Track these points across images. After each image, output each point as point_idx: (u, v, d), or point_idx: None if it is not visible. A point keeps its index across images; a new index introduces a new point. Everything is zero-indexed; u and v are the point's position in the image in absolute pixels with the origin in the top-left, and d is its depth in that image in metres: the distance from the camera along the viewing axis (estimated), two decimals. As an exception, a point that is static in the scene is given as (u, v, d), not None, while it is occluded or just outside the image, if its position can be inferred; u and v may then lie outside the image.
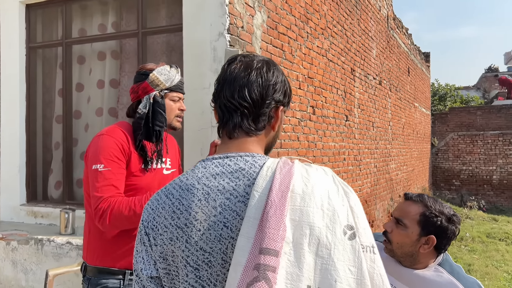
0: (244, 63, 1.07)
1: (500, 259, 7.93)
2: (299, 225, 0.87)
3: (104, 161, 1.84)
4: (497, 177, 14.86)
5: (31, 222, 4.09)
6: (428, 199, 1.73)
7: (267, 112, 1.05)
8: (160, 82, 1.98)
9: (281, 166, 0.95)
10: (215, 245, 0.92)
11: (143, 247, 1.01)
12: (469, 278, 1.68)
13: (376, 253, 0.92)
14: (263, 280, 0.79)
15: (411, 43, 11.36)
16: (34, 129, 4.38)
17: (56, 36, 4.34)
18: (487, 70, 23.48)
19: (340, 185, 0.96)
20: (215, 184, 0.96)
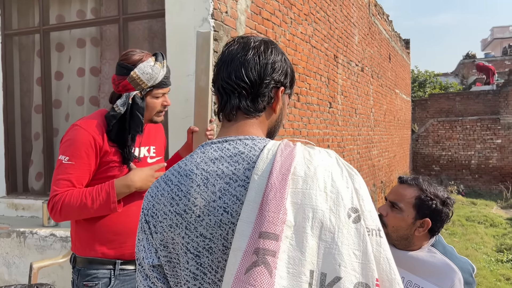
0: (241, 43, 1.04)
1: (479, 241, 8.13)
2: (301, 208, 0.84)
3: (70, 154, 1.78)
4: (475, 161, 15.17)
5: (12, 215, 3.99)
6: (423, 182, 1.73)
7: (266, 93, 1.02)
8: (141, 82, 1.85)
9: (282, 148, 0.92)
10: (215, 231, 0.89)
11: (144, 236, 0.99)
12: (461, 258, 1.71)
13: (382, 236, 0.90)
14: (263, 264, 0.77)
15: (392, 30, 11.42)
16: (12, 119, 4.25)
17: (33, 23, 4.21)
18: (465, 56, 23.82)
19: (345, 167, 0.93)
20: (214, 169, 0.94)
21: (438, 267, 1.65)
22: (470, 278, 1.66)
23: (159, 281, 0.97)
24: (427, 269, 1.66)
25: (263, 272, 0.77)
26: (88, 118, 1.92)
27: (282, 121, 1.11)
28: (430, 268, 1.66)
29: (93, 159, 1.82)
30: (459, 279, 1.62)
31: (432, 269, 1.66)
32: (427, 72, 20.35)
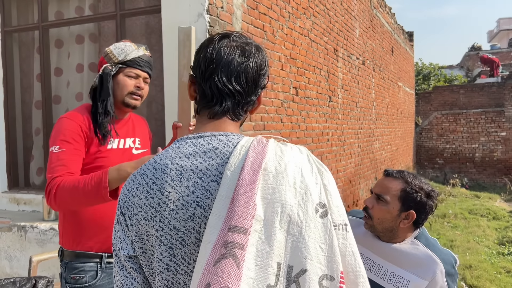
0: (240, 47, 1.03)
1: (481, 234, 8.12)
2: (270, 203, 0.87)
3: (59, 143, 1.82)
4: (479, 154, 15.11)
5: (13, 209, 4.05)
6: (408, 175, 1.76)
7: (254, 100, 1.06)
8: (113, 55, 1.93)
9: (255, 145, 0.95)
10: (188, 224, 0.92)
11: (120, 227, 1.02)
12: (444, 250, 1.74)
13: (348, 231, 0.93)
14: (230, 257, 0.80)
15: (395, 22, 11.36)
16: (13, 115, 4.31)
17: (32, 20, 4.24)
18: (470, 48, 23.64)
19: (315, 163, 0.96)
20: (188, 164, 0.96)
21: (421, 259, 1.68)
22: (452, 269, 1.69)
23: (134, 271, 1.00)
24: (410, 260, 1.70)
25: (230, 264, 0.80)
26: (72, 111, 1.98)
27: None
28: (413, 260, 1.69)
29: (82, 145, 1.87)
30: (441, 270, 1.65)
31: (414, 260, 1.69)
32: (431, 65, 20.24)
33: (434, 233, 7.94)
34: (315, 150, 5.42)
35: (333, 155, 6.17)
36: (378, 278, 1.75)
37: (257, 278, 0.83)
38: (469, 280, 5.70)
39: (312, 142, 5.36)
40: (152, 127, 3.82)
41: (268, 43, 4.22)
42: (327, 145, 5.93)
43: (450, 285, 1.66)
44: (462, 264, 6.27)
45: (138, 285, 1.00)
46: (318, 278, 0.86)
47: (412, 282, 1.67)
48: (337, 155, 6.36)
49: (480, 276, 5.79)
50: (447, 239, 7.68)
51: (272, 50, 4.31)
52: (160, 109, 3.75)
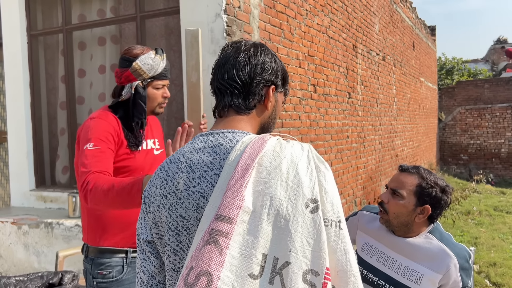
0: (234, 47, 1.13)
1: (507, 231, 7.95)
2: (260, 195, 0.91)
3: (94, 140, 1.84)
4: (505, 150, 14.75)
5: (40, 207, 4.20)
6: (424, 170, 1.78)
7: (257, 91, 1.11)
8: (143, 72, 1.94)
9: (255, 141, 0.99)
10: (192, 213, 0.99)
11: (142, 214, 1.11)
12: (458, 244, 1.75)
13: (342, 228, 0.94)
14: (213, 243, 0.85)
15: (416, 17, 11.20)
16: (39, 116, 4.46)
17: (56, 23, 4.38)
18: (496, 42, 23.08)
19: (313, 160, 0.99)
20: (196, 158, 1.04)
21: (434, 253, 1.70)
22: (466, 264, 1.70)
23: (152, 255, 1.08)
24: (423, 254, 1.72)
25: (212, 250, 0.85)
26: (101, 111, 2.00)
27: (276, 118, 1.19)
28: (426, 254, 1.71)
29: (114, 145, 1.91)
30: (455, 264, 1.66)
31: (428, 254, 1.71)
32: (455, 59, 19.83)
33: (458, 230, 7.82)
34: (334, 147, 5.43)
35: (353, 152, 6.15)
36: (392, 272, 1.77)
37: (240, 266, 0.86)
38: (493, 277, 5.61)
39: (331, 139, 5.37)
40: (173, 126, 3.90)
41: (285, 41, 4.24)
42: (347, 142, 5.92)
43: (464, 279, 1.67)
44: (486, 261, 6.17)
45: (155, 269, 1.08)
46: (302, 272, 0.87)
47: (426, 275, 1.69)
48: (357, 152, 6.34)
49: (504, 273, 5.68)
50: (471, 236, 7.55)
51: (290, 48, 4.34)
52: (180, 108, 3.83)
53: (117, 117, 1.97)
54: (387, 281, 1.78)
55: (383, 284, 1.79)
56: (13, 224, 3.78)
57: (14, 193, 4.37)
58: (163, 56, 2.03)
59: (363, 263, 1.88)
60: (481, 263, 6.17)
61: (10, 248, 3.81)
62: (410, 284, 1.72)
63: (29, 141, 4.35)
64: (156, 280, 1.09)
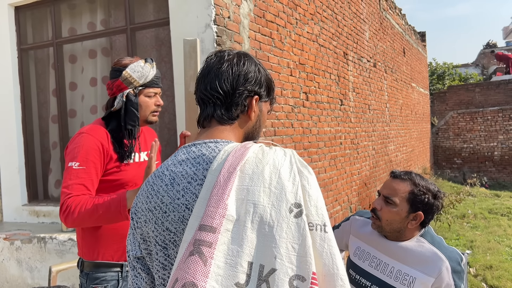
0: (218, 57, 1.13)
1: (502, 234, 7.98)
2: (244, 203, 0.91)
3: (80, 159, 1.85)
4: (498, 153, 14.87)
5: (33, 222, 4.16)
6: (416, 176, 1.79)
7: (239, 102, 1.10)
8: (133, 80, 1.97)
9: (237, 149, 0.99)
10: (178, 226, 0.98)
11: (131, 231, 1.11)
12: (449, 247, 1.75)
13: (328, 231, 0.93)
14: (197, 254, 0.84)
15: (405, 23, 11.31)
16: (31, 130, 4.44)
17: (46, 37, 4.38)
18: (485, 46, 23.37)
19: (296, 165, 0.99)
20: (179, 170, 1.03)
21: (426, 256, 1.70)
22: (459, 266, 1.70)
23: (143, 271, 1.07)
24: (415, 258, 1.72)
25: (196, 260, 0.84)
26: (92, 125, 2.01)
27: (261, 127, 1.18)
28: (419, 258, 1.72)
29: (100, 164, 1.91)
30: (447, 267, 1.66)
31: (420, 258, 1.71)
32: (446, 64, 20.03)
33: (453, 233, 7.83)
34: (327, 154, 5.44)
35: (346, 158, 6.16)
36: (385, 276, 1.77)
37: (226, 276, 0.85)
38: (489, 280, 5.61)
39: (325, 146, 5.38)
40: (165, 136, 3.90)
41: (276, 50, 4.27)
42: (340, 148, 5.93)
43: (456, 282, 1.68)
44: (482, 264, 6.18)
45: (146, 285, 1.07)
46: (289, 278, 0.87)
47: (419, 279, 1.69)
48: (351, 158, 6.36)
49: (501, 276, 5.69)
50: (466, 239, 7.57)
51: (281, 57, 4.36)
52: (172, 119, 3.82)
53: (107, 131, 1.98)
54: (379, 286, 1.78)
55: None
56: (6, 240, 3.75)
57: (6, 208, 4.33)
58: (152, 64, 2.05)
59: (355, 268, 1.88)
60: (477, 266, 6.18)
61: (3, 264, 3.77)
62: None
63: (21, 156, 4.32)
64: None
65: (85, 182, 1.85)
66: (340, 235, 2.06)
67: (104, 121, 2.03)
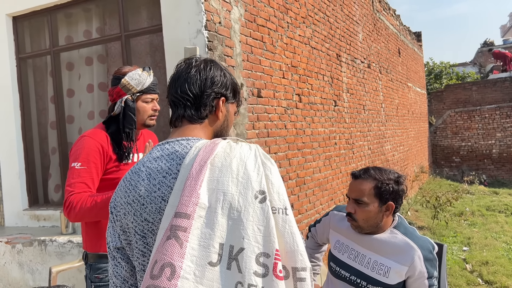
0: (186, 63, 1.25)
1: (499, 230, 8.05)
2: (214, 192, 1.02)
3: (82, 160, 2.02)
4: (496, 150, 14.94)
5: (34, 226, 4.27)
6: (374, 171, 1.90)
7: (208, 103, 1.22)
8: (131, 87, 2.15)
9: (207, 145, 1.11)
10: (156, 216, 1.09)
11: (110, 223, 1.21)
12: (422, 237, 1.85)
13: (288, 214, 1.06)
14: (173, 238, 0.95)
15: (400, 24, 11.42)
16: (30, 136, 4.55)
17: (44, 45, 4.49)
18: (483, 44, 23.44)
19: (260, 157, 1.11)
20: (155, 165, 1.14)
21: (400, 247, 1.80)
22: (430, 255, 1.80)
23: (122, 261, 1.18)
24: (390, 249, 1.82)
25: (173, 243, 0.95)
26: (93, 129, 2.20)
27: (229, 126, 1.31)
28: (392, 248, 1.82)
29: (100, 164, 2.08)
30: (419, 256, 1.76)
31: (394, 248, 1.81)
32: (443, 64, 20.13)
33: (451, 231, 7.90)
34: (322, 154, 5.53)
35: (341, 158, 6.26)
36: (362, 267, 1.87)
37: (200, 256, 0.97)
38: (485, 276, 5.69)
39: (319, 146, 5.47)
40: (160, 139, 3.99)
41: (268, 53, 4.37)
42: (335, 148, 6.03)
43: (429, 269, 1.77)
44: (478, 260, 6.25)
45: (126, 273, 1.18)
46: (255, 256, 0.99)
47: (393, 268, 1.79)
48: (346, 158, 6.45)
49: (497, 271, 5.76)
50: (464, 236, 7.64)
51: (273, 60, 4.47)
52: (167, 122, 3.93)
53: (107, 134, 2.15)
54: (358, 276, 1.88)
55: (354, 279, 1.89)
56: (7, 243, 3.85)
57: (8, 213, 4.43)
58: (149, 72, 2.23)
59: (335, 260, 1.98)
60: (473, 262, 6.25)
61: (5, 267, 3.87)
62: (379, 277, 1.82)
63: (21, 161, 4.43)
64: (128, 283, 1.18)
65: (86, 180, 2.01)
66: (321, 230, 2.17)
67: (104, 125, 2.20)
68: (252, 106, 4.02)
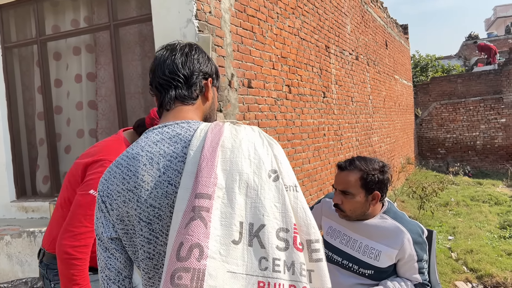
0: (169, 49, 1.24)
1: (483, 220, 8.21)
2: (230, 173, 1.04)
3: None
4: (480, 142, 15.18)
5: (22, 217, 4.22)
6: (359, 162, 1.92)
7: (197, 83, 1.23)
8: None
9: (212, 127, 1.11)
10: (162, 201, 1.08)
11: (101, 214, 1.17)
12: (411, 221, 1.89)
13: (298, 191, 1.09)
14: (198, 218, 0.96)
15: (387, 16, 11.48)
16: (17, 127, 4.48)
17: (30, 35, 4.42)
18: (467, 38, 23.71)
19: (265, 138, 1.13)
20: (156, 149, 1.12)
21: (389, 231, 1.84)
22: (420, 238, 1.84)
23: (117, 251, 1.16)
24: (380, 233, 1.86)
25: (199, 224, 0.96)
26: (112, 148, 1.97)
27: (215, 109, 1.32)
28: (383, 232, 1.85)
29: None
30: (408, 239, 1.80)
31: (384, 233, 1.85)
32: (428, 56, 20.32)
33: (437, 221, 8.03)
34: (311, 145, 5.57)
35: (330, 149, 6.30)
36: (354, 252, 1.91)
37: (223, 235, 0.99)
38: (470, 264, 5.81)
39: (308, 138, 5.50)
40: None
41: (258, 43, 4.37)
42: (324, 139, 6.07)
43: (419, 252, 1.81)
44: (463, 249, 6.37)
45: (121, 264, 1.16)
46: (275, 231, 1.02)
47: (383, 252, 1.83)
48: (334, 149, 6.50)
49: (481, 259, 5.89)
50: (449, 226, 7.77)
51: (263, 50, 4.46)
52: (157, 113, 3.90)
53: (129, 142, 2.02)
54: (350, 260, 1.91)
55: (346, 263, 1.92)
56: (-5, 235, 3.80)
57: (-5, 205, 4.38)
58: None
59: (328, 246, 2.01)
60: (458, 251, 6.37)
61: (-7, 259, 3.83)
62: (370, 261, 1.86)
63: (8, 153, 4.37)
64: (122, 275, 1.16)
65: None
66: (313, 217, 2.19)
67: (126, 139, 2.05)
68: (243, 96, 4.02)
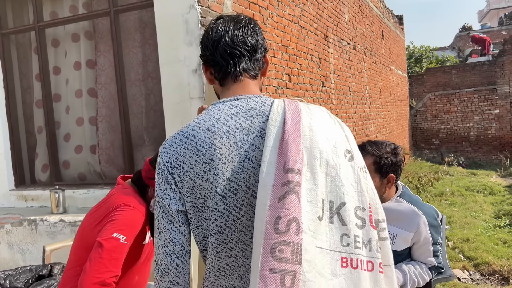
0: (231, 18, 1.20)
1: (478, 209, 8.29)
2: (310, 150, 1.04)
3: (127, 234, 1.81)
4: (474, 133, 15.28)
5: (22, 206, 4.18)
6: (370, 147, 1.92)
7: (260, 58, 1.21)
8: None
9: (288, 104, 1.11)
10: (239, 175, 1.07)
11: (167, 185, 1.13)
12: (426, 204, 1.90)
13: (367, 172, 1.11)
14: (293, 193, 0.97)
15: (384, 6, 11.45)
16: (15, 115, 4.42)
17: (28, 21, 4.35)
18: (461, 29, 23.75)
19: (336, 119, 1.14)
20: (232, 122, 1.11)
21: (405, 214, 1.85)
22: (435, 221, 1.84)
23: (182, 225, 1.13)
24: (395, 216, 1.86)
25: (294, 198, 0.97)
26: (132, 197, 1.96)
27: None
28: (398, 215, 1.86)
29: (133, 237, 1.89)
30: (424, 222, 1.81)
31: (399, 216, 1.85)
32: (423, 47, 20.35)
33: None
34: (310, 134, 5.55)
35: (328, 138, 6.29)
36: None
37: (311, 211, 1.00)
38: (466, 252, 5.87)
39: (308, 127, 5.49)
40: (151, 118, 3.95)
41: (259, 31, 4.33)
42: (323, 129, 6.05)
43: (434, 235, 1.82)
44: (460, 238, 6.44)
45: (185, 238, 1.14)
46: (354, 209, 1.04)
47: (399, 235, 1.83)
48: (332, 139, 6.49)
49: (477, 248, 5.95)
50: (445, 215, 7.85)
51: (263, 38, 4.42)
52: (158, 101, 3.87)
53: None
54: None
55: None
56: (-5, 224, 3.77)
57: (-7, 194, 4.33)
58: None
59: None
60: (455, 239, 6.43)
61: (-7, 248, 3.80)
62: None
63: (6, 141, 4.32)
64: (185, 249, 1.13)
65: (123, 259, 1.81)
66: None
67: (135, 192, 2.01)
68: (244, 84, 3.99)
